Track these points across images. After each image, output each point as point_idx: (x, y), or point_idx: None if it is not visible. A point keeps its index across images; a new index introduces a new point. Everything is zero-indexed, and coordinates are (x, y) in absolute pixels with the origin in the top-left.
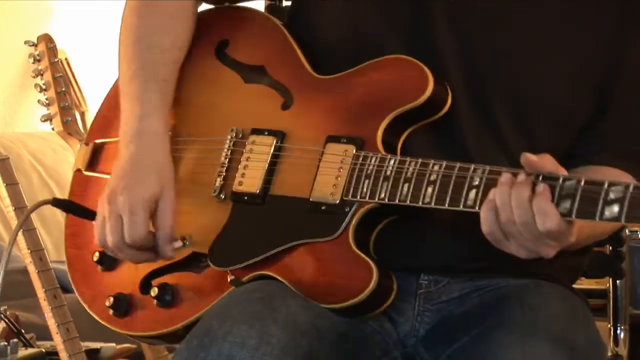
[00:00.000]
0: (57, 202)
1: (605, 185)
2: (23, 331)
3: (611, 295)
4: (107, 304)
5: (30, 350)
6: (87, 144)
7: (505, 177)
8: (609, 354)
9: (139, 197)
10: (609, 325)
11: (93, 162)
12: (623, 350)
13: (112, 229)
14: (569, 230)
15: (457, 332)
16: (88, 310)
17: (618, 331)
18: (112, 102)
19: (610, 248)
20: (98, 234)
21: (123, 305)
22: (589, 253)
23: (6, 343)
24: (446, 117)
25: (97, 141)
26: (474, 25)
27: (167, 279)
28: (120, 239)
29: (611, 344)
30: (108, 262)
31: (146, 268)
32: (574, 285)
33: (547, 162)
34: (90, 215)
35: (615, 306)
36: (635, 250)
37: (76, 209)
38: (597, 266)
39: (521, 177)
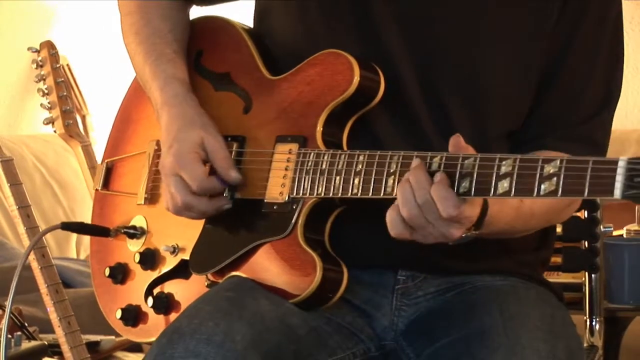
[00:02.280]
0: (66, 226)
1: (497, 160)
2: (26, 324)
3: (587, 288)
4: (117, 316)
5: (33, 343)
6: (102, 163)
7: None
8: (585, 344)
9: (183, 150)
10: (585, 318)
11: (107, 180)
12: (598, 341)
13: (177, 188)
14: (471, 211)
15: (438, 331)
16: (109, 322)
17: (593, 323)
18: (119, 123)
19: (586, 244)
20: (168, 203)
21: (132, 316)
22: (548, 248)
23: (10, 336)
24: (402, 106)
25: (108, 160)
26: (414, 14)
27: (163, 287)
28: (186, 194)
29: (587, 335)
30: (118, 276)
31: (148, 279)
32: (552, 279)
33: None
34: (102, 232)
35: (591, 299)
36: (610, 246)
37: (87, 228)
38: (573, 261)
39: (416, 161)
